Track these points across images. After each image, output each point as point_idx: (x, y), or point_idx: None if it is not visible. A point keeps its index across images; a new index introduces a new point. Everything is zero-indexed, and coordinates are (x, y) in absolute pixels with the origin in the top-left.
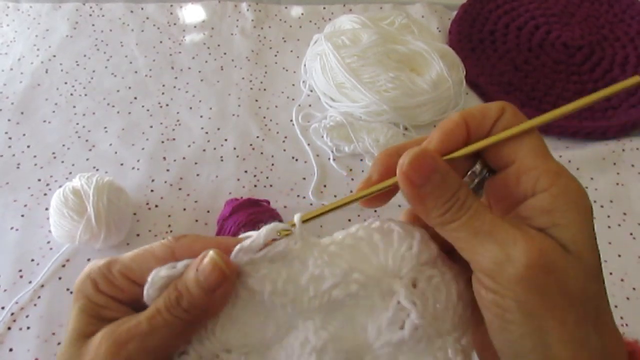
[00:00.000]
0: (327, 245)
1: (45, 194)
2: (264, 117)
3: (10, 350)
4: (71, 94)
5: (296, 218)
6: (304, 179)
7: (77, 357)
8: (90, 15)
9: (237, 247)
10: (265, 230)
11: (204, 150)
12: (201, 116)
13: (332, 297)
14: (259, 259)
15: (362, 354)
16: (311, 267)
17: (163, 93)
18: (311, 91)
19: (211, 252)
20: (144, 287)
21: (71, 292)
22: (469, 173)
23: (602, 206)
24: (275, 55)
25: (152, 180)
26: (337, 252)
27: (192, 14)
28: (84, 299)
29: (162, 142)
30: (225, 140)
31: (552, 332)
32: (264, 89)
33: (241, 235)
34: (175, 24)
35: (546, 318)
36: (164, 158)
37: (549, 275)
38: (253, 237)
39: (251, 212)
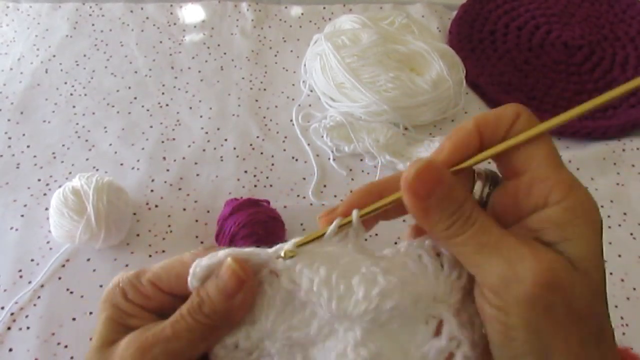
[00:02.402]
0: (379, 259)
1: (45, 194)
2: (264, 117)
3: (10, 350)
4: (71, 94)
5: (354, 214)
6: (304, 179)
7: None
8: (90, 15)
9: (290, 243)
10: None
11: (204, 150)
12: (201, 116)
13: (379, 307)
14: (315, 252)
15: None
16: (364, 269)
17: (163, 93)
18: (311, 91)
19: (228, 260)
20: (174, 294)
21: (71, 292)
22: (475, 185)
23: (602, 206)
24: (275, 55)
25: (152, 180)
26: (388, 267)
27: (192, 13)
28: (112, 307)
29: (162, 142)
30: (225, 140)
31: (555, 351)
32: (264, 89)
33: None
34: (175, 23)
35: (551, 337)
36: (164, 158)
37: (556, 294)
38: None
39: (251, 212)
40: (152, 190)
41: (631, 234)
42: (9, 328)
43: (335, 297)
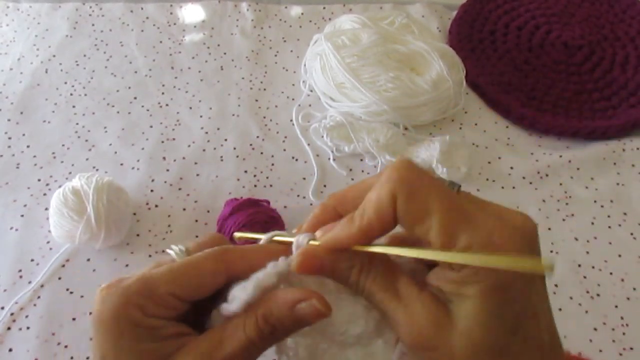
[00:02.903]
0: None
1: (45, 194)
2: (264, 117)
3: (10, 350)
4: (71, 94)
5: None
6: (304, 179)
7: None
8: (90, 15)
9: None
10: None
11: (204, 150)
12: (201, 116)
13: (347, 333)
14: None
15: None
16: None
17: (163, 93)
18: (311, 91)
19: (314, 300)
20: (194, 301)
21: (71, 292)
22: None
23: (602, 206)
24: (275, 55)
25: (152, 180)
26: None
27: (192, 13)
28: (133, 327)
29: (162, 142)
30: (225, 140)
31: None
32: (264, 89)
33: (271, 235)
34: (175, 23)
35: None
36: (164, 158)
37: (432, 352)
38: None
39: (251, 212)
40: (152, 190)
41: (631, 234)
42: (9, 328)
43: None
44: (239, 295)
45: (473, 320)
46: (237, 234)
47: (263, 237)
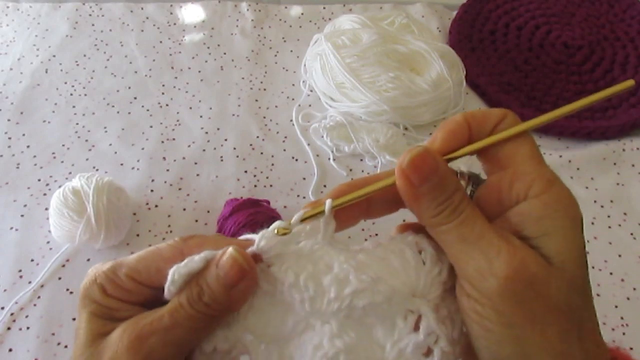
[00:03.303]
0: (356, 252)
1: (45, 194)
2: (264, 117)
3: (10, 350)
4: (71, 94)
5: (327, 203)
6: (304, 179)
7: (96, 356)
8: (90, 15)
9: (260, 235)
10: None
11: (204, 150)
12: (201, 116)
13: (352, 304)
14: (286, 252)
15: None
16: (336, 269)
17: (163, 93)
18: (311, 91)
19: (230, 249)
20: (154, 287)
21: (71, 292)
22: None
23: (602, 206)
24: (275, 55)
25: (152, 180)
26: (365, 261)
27: (192, 13)
28: (93, 303)
29: (162, 142)
30: (225, 140)
31: (531, 343)
32: (264, 89)
33: (243, 237)
34: (175, 23)
35: (525, 329)
36: (164, 158)
37: (530, 288)
38: (272, 228)
39: (251, 212)
40: (152, 190)
41: (631, 234)
42: (9, 328)
43: (307, 299)
44: (168, 280)
45: (567, 255)
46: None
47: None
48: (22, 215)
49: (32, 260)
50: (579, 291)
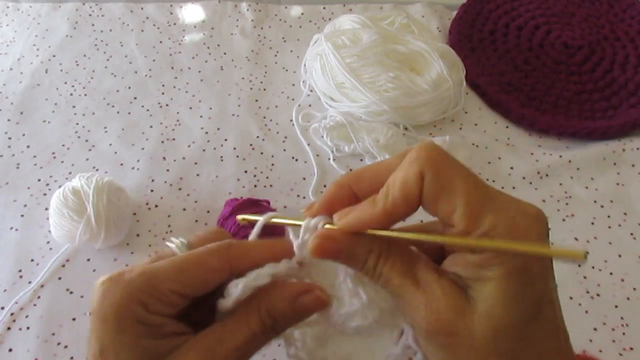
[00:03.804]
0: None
1: (45, 194)
2: (264, 117)
3: (10, 350)
4: (71, 94)
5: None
6: (304, 179)
7: None
8: (90, 15)
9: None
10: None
11: (204, 150)
12: (201, 116)
13: (344, 326)
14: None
15: None
16: (336, 287)
17: (163, 93)
18: (311, 91)
19: (317, 290)
20: (196, 298)
21: (71, 292)
22: None
23: (602, 206)
24: (275, 55)
25: (152, 180)
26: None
27: (192, 13)
28: (137, 324)
29: (162, 142)
30: (225, 140)
31: None
32: (264, 89)
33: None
34: (175, 24)
35: None
36: (164, 158)
37: (450, 336)
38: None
39: (251, 212)
40: (152, 190)
41: (631, 234)
42: (9, 328)
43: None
44: (233, 292)
45: (495, 302)
46: (240, 217)
47: (260, 219)
48: (22, 215)
49: (32, 260)
50: (510, 336)
